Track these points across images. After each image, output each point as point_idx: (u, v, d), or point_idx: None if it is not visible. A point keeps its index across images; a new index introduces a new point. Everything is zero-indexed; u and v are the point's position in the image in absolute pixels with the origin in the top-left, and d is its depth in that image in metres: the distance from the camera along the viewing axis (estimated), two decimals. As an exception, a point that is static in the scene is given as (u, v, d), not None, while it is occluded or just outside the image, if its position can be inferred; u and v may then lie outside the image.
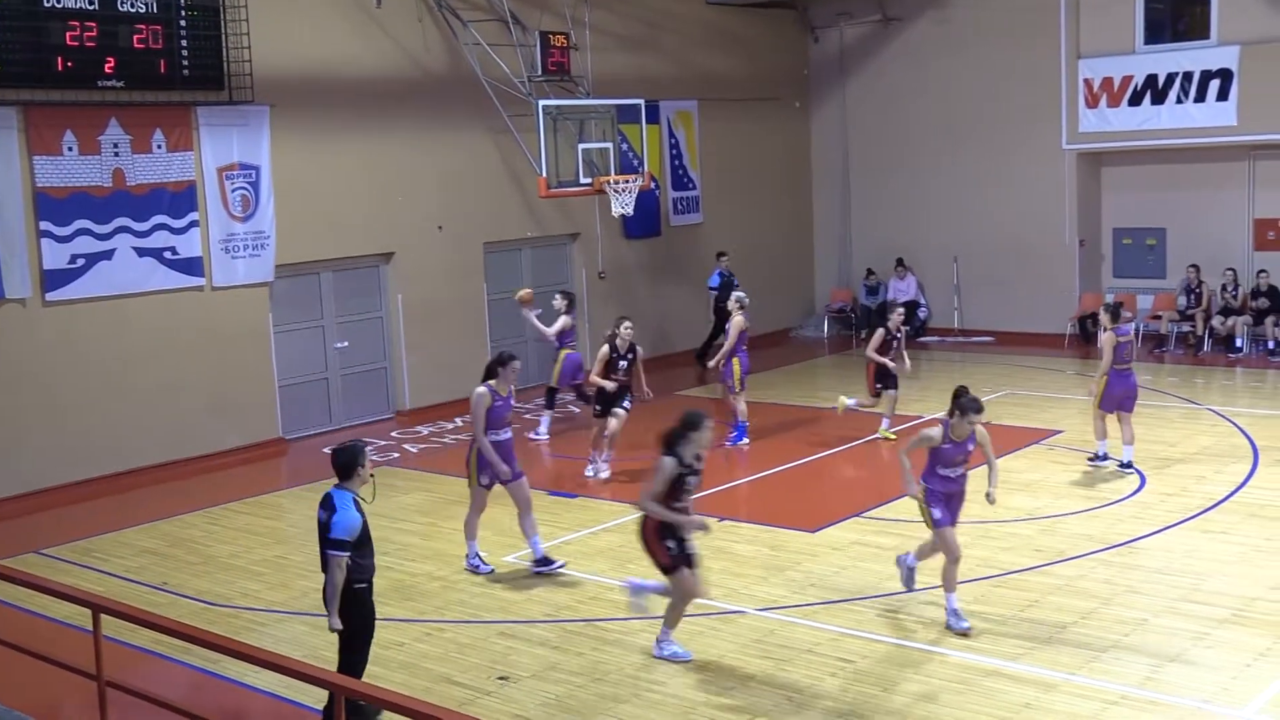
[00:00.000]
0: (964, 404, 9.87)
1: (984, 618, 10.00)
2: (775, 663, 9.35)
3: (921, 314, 23.94)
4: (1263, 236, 21.55)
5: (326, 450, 8.99)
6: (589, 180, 17.94)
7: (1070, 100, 22.02)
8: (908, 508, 12.91)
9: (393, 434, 17.80)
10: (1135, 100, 21.38)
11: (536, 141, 17.53)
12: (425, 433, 17.82)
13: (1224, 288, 20.96)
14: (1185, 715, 8.23)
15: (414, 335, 18.67)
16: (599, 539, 12.61)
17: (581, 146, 17.97)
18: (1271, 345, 20.53)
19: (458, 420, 18.29)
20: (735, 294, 16.80)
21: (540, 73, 18.30)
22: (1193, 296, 21.28)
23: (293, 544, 13.09)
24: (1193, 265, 21.32)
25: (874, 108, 24.31)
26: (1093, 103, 21.81)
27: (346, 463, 8.22)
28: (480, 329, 19.53)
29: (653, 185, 20.44)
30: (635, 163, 19.36)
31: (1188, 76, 20.86)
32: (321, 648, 9.47)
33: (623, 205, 18.29)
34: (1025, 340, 22.22)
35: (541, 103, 17.57)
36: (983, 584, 10.80)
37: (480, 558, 11.78)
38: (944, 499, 9.98)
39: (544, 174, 17.46)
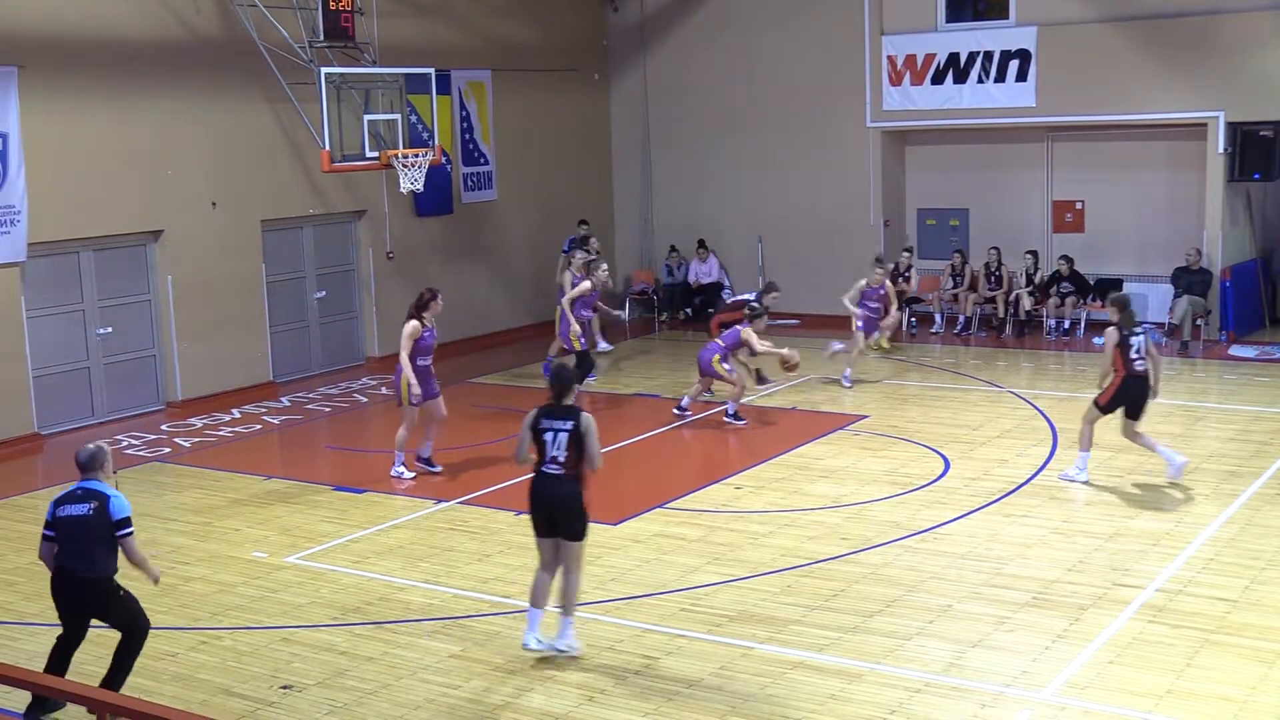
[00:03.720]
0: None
1: (791, 608, 9.80)
2: (575, 661, 9.01)
3: (725, 296, 23.62)
4: (1061, 219, 21.85)
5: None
6: (375, 154, 16.99)
7: (874, 77, 21.93)
8: (711, 497, 12.57)
9: (163, 427, 16.63)
10: (938, 79, 21.39)
11: (319, 112, 16.51)
12: (199, 425, 16.68)
13: (1027, 270, 21.13)
14: (987, 700, 8.24)
15: (185, 320, 17.45)
16: (388, 536, 11.98)
17: (367, 118, 17.02)
18: (1068, 325, 20.81)
19: (234, 411, 17.26)
20: (580, 252, 17.70)
21: (322, 38, 17.18)
22: (994, 279, 21.44)
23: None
24: (994, 247, 21.46)
25: (676, 81, 23.84)
26: (896, 80, 21.76)
27: (94, 456, 8.45)
28: (258, 313, 18.40)
29: (444, 160, 19.59)
30: (425, 136, 18.45)
31: (988, 56, 20.95)
32: (85, 663, 8.67)
33: (412, 181, 17.41)
34: (831, 323, 22.04)
35: (324, 70, 16.54)
36: (789, 574, 10.58)
37: (404, 469, 13.62)
38: None
39: (327, 147, 16.50)
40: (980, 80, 21.02)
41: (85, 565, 8.14)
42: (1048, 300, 20.97)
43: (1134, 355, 12.42)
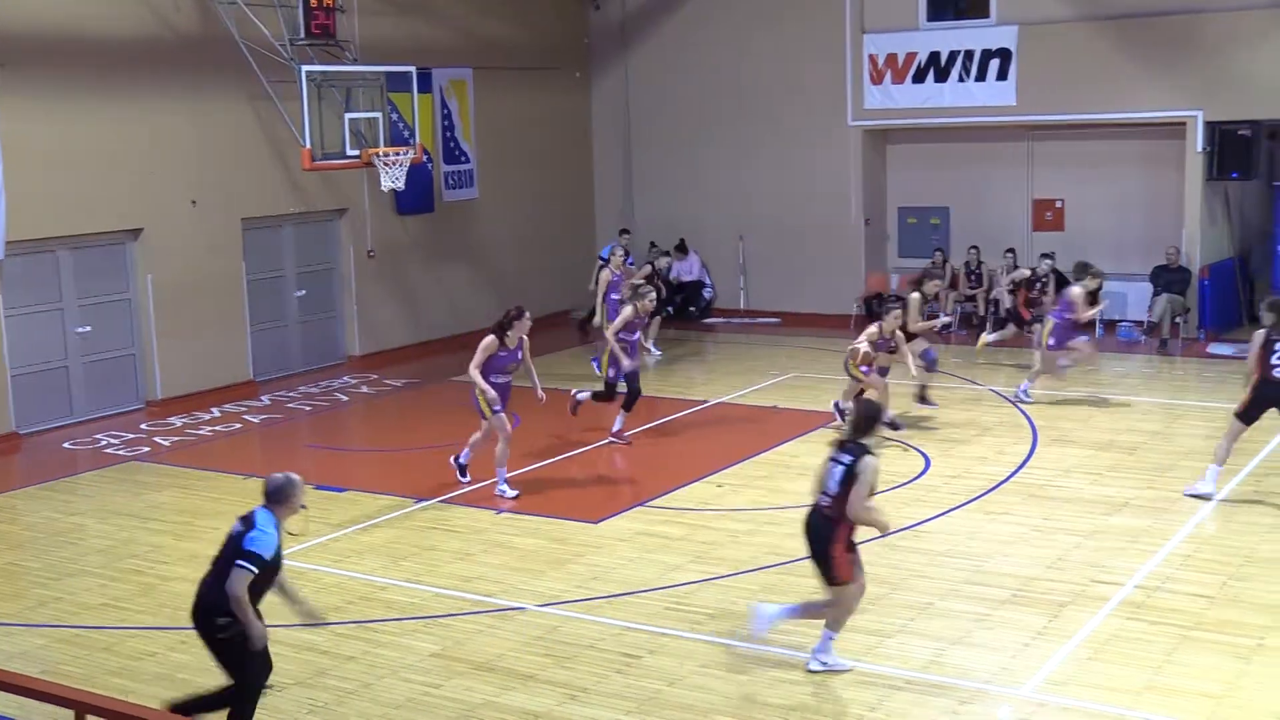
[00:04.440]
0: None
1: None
2: (557, 660, 9.00)
3: (706, 294, 23.64)
4: (1041, 217, 21.92)
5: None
6: (356, 152, 16.94)
7: (855, 76, 21.95)
8: (693, 496, 12.56)
9: (142, 426, 16.54)
10: (919, 77, 21.43)
11: (300, 110, 16.45)
12: (179, 424, 16.59)
13: (1007, 269, 21.15)
14: (967, 697, 8.27)
15: (165, 319, 17.36)
16: (369, 535, 11.94)
17: (348, 116, 16.97)
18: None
19: (215, 410, 17.19)
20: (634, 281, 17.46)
21: (303, 36, 17.13)
22: (974, 277, 21.49)
23: (29, 549, 11.96)
24: (973, 246, 21.50)
25: (657, 79, 23.83)
26: (877, 79, 21.79)
27: (279, 488, 7.66)
28: (238, 311, 18.31)
29: (425, 158, 19.55)
30: (406, 134, 18.41)
31: (969, 55, 20.99)
32: (63, 663, 8.66)
33: (393, 179, 17.38)
34: (811, 321, 22.11)
35: (305, 68, 16.49)
36: (771, 572, 10.58)
37: (506, 487, 12.90)
38: None
39: (308, 145, 16.45)
40: (961, 79, 21.06)
41: (202, 588, 7.61)
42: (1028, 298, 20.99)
43: (1274, 361, 11.78)
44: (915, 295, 15.55)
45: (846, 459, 8.40)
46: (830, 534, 8.42)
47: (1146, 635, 9.06)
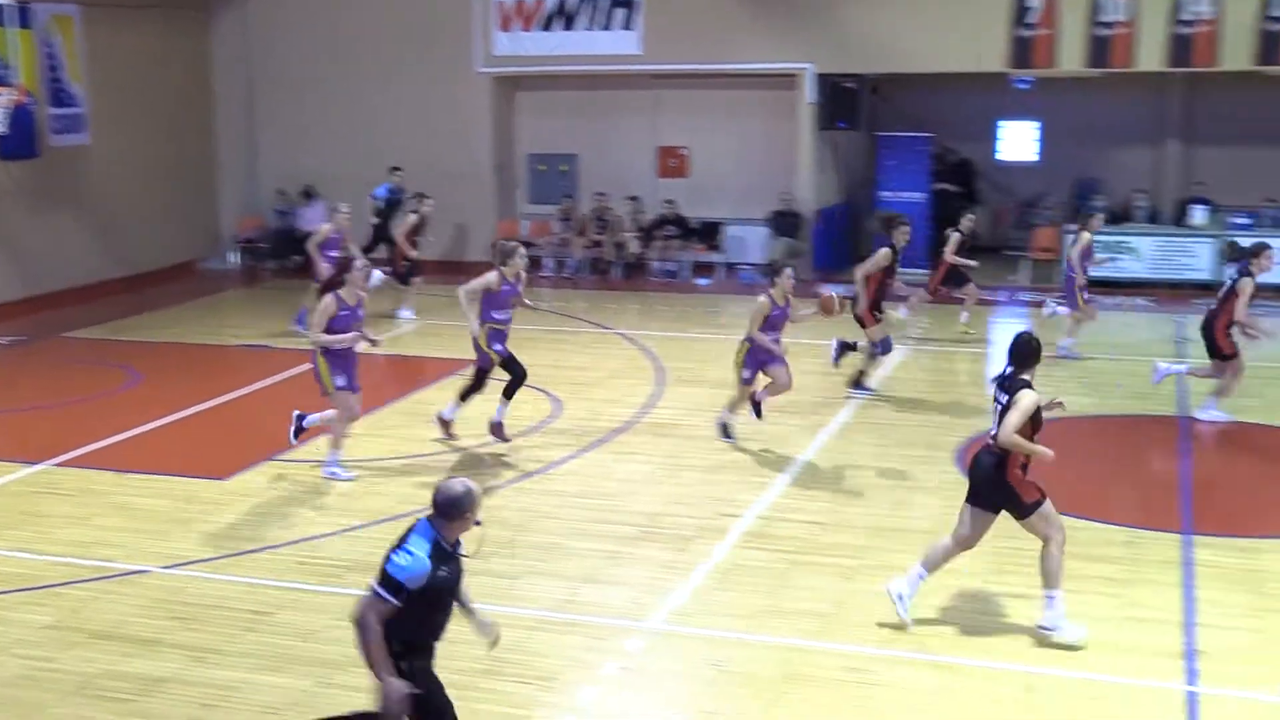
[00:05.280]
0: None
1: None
2: (183, 622, 8.70)
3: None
4: (666, 164, 22.55)
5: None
6: (-51, 93, 15.66)
7: (484, 21, 21.89)
8: (325, 447, 12.30)
9: None
10: (547, 24, 21.59)
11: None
12: None
13: (633, 214, 21.72)
14: (603, 633, 8.49)
15: None
16: None
17: (-63, 53, 15.66)
18: (673, 268, 21.58)
19: None
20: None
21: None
22: (601, 224, 21.94)
23: None
24: (600, 192, 21.93)
25: (280, 21, 22.95)
26: (505, 26, 21.81)
27: (451, 501, 6.02)
28: None
29: (28, 100, 18.21)
30: (5, 74, 17.10)
31: (596, 4, 21.29)
32: None
33: (-7, 122, 16.16)
34: (443, 269, 22.01)
35: (-119, -1, 15.10)
36: (405, 521, 10.30)
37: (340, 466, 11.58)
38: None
39: (-111, 83, 15.07)
40: (588, 27, 21.36)
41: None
42: (653, 243, 21.66)
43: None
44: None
45: (1004, 397, 8.21)
46: (999, 462, 8.18)
47: (765, 563, 9.56)
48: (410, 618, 5.89)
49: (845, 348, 14.26)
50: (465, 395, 12.42)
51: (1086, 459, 10.05)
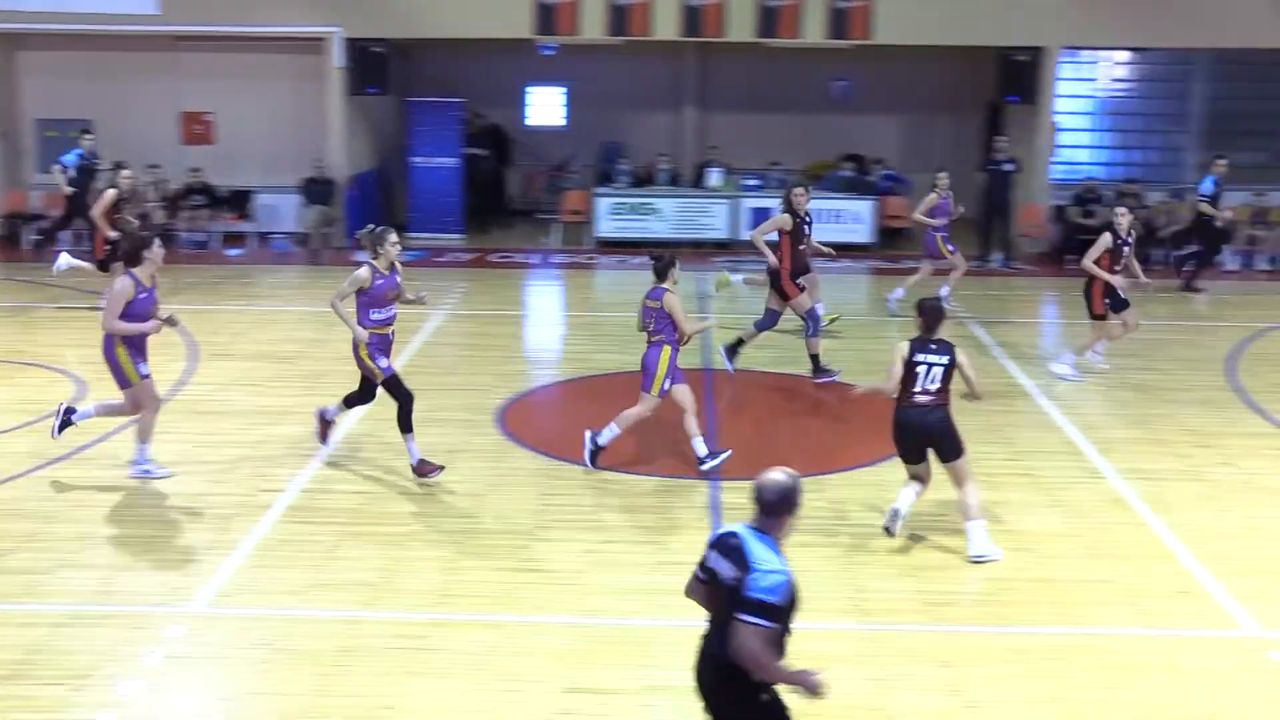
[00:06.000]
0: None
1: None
2: None
3: None
4: (190, 130, 21.60)
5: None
6: None
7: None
8: None
9: None
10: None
11: None
12: None
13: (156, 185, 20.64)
14: (142, 622, 8.14)
15: None
16: None
17: None
18: (203, 238, 20.79)
19: None
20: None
21: None
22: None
23: None
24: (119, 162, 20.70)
25: None
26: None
27: (783, 495, 5.48)
28: None
29: None
30: None
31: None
32: None
33: None
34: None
35: None
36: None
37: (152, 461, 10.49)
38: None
39: None
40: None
41: (717, 641, 5.54)
42: (180, 214, 20.76)
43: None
44: None
45: (944, 358, 9.05)
46: (949, 415, 9.16)
47: (313, 536, 9.42)
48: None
49: (733, 350, 13.83)
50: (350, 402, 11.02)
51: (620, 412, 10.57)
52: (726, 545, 5.49)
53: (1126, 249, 13.37)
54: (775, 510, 5.47)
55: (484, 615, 8.25)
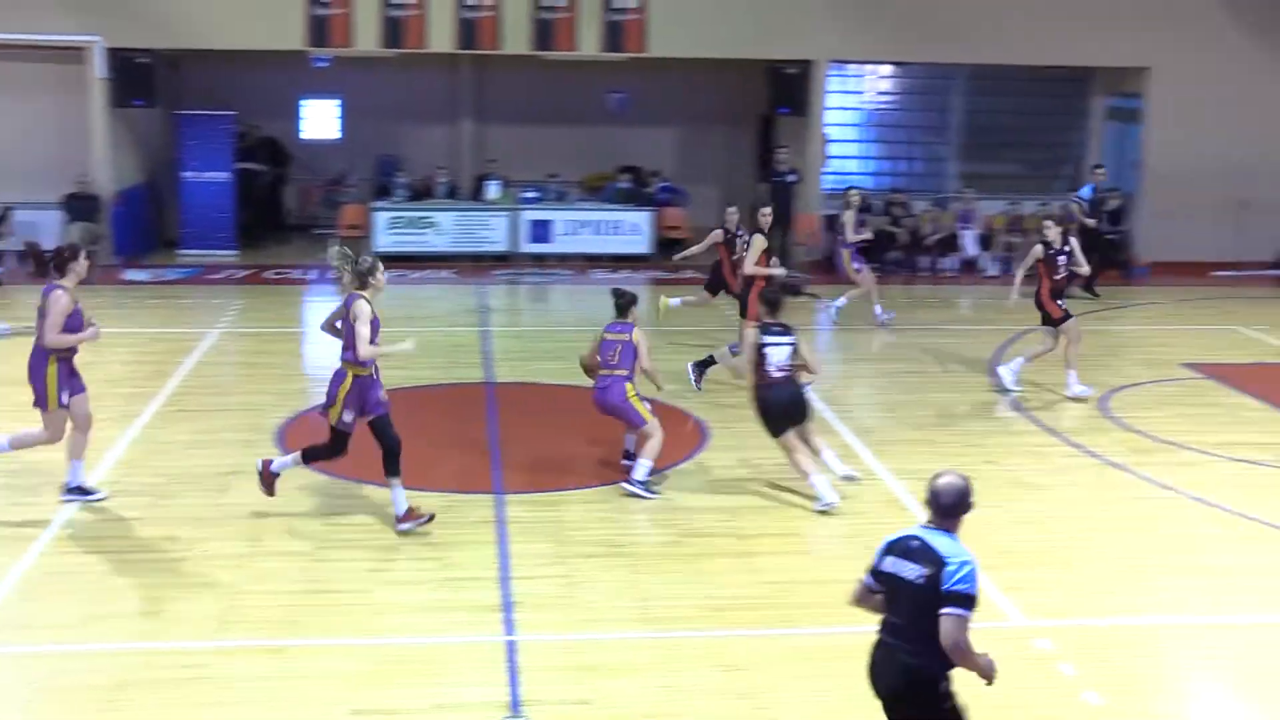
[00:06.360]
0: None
1: None
2: None
3: None
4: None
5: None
6: None
7: None
8: None
9: None
10: None
11: None
12: None
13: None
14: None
15: None
16: None
17: None
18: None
19: None
20: None
21: None
22: None
23: None
24: None
25: None
26: None
27: (965, 496, 5.73)
28: None
29: None
30: None
31: None
32: None
33: None
34: None
35: None
36: None
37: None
38: None
39: None
40: None
41: (907, 644, 5.70)
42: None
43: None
44: None
45: (788, 338, 10.36)
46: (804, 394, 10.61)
47: (83, 566, 9.06)
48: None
49: (702, 367, 13.71)
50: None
51: (407, 432, 10.34)
52: (907, 548, 5.70)
53: (1062, 258, 13.95)
54: (953, 511, 5.72)
55: (267, 640, 8.06)
